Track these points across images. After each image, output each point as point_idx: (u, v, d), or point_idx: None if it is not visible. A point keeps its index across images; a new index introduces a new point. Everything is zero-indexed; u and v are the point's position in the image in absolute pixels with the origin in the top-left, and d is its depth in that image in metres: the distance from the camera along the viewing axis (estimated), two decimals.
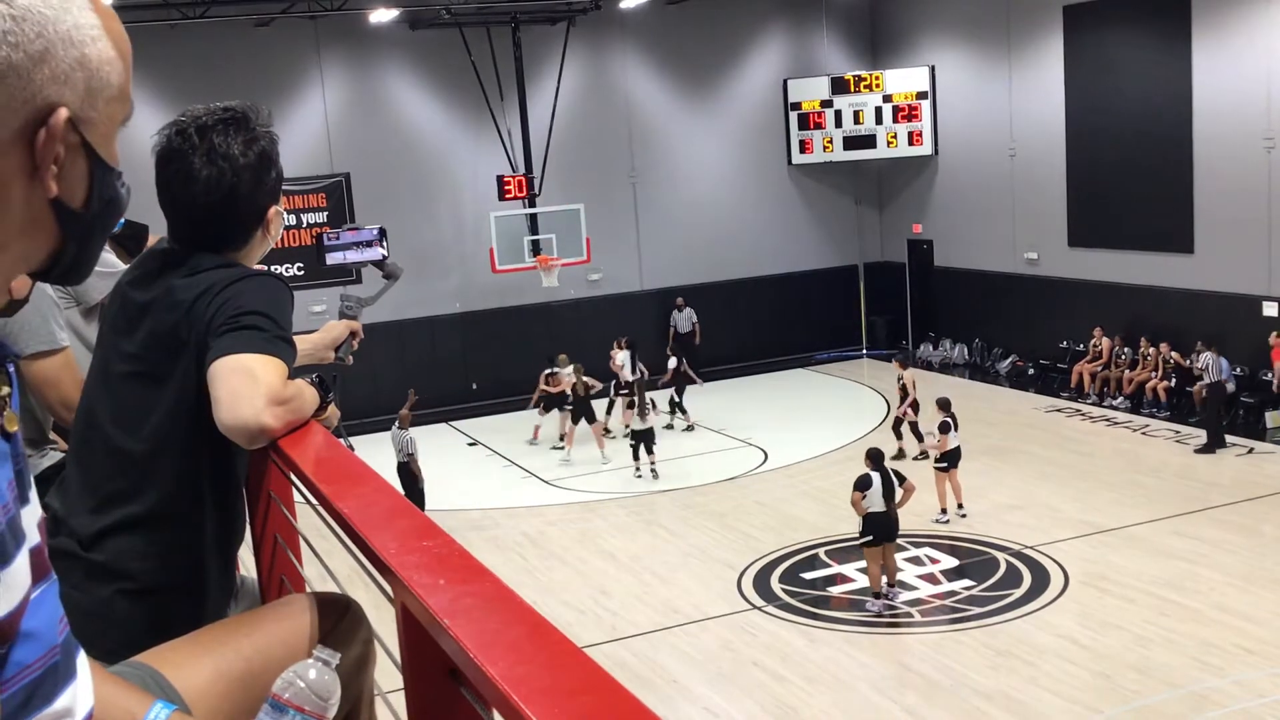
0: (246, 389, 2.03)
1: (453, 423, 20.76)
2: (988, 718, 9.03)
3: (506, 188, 20.69)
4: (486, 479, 17.59)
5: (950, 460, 13.75)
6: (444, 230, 21.76)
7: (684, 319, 22.82)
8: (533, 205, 21.00)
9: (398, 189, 21.22)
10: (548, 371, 18.65)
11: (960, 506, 13.86)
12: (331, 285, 19.45)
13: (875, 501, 11.37)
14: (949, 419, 13.85)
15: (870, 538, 11.45)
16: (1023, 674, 9.71)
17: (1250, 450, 15.87)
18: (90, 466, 2.24)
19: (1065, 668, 9.79)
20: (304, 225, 20.63)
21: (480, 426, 20.19)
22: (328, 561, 2.84)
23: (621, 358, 18.94)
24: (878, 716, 9.47)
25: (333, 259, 20.05)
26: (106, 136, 1.17)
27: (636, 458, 16.66)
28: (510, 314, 22.14)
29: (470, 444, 19.66)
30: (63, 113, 1.10)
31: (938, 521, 13.68)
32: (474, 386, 21.61)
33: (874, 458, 11.65)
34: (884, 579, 11.62)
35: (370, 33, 20.57)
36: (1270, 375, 16.87)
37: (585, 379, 17.70)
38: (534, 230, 20.87)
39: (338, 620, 2.05)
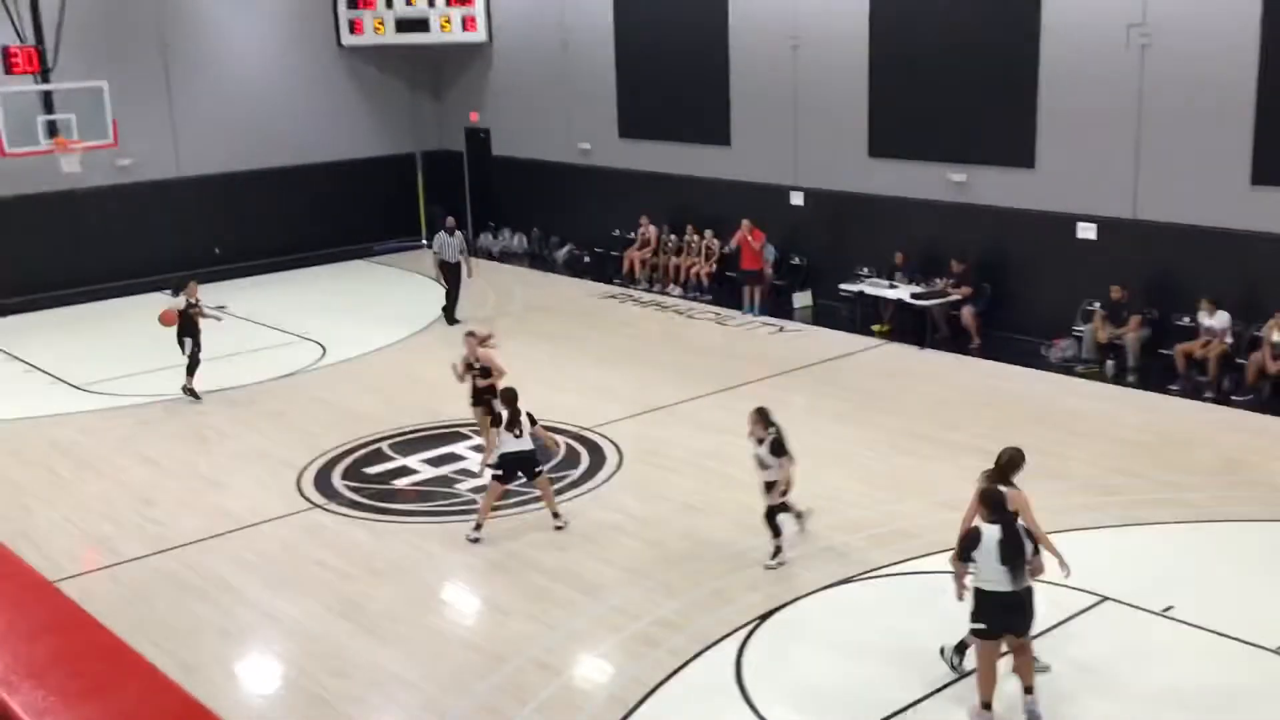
0: None
1: None
2: (552, 593, 9.27)
3: (13, 60, 18.46)
4: (4, 387, 15.78)
5: None
6: None
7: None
8: (46, 81, 18.78)
9: None
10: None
11: None
12: None
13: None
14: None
15: (983, 626, 7.07)
16: (584, 550, 10.04)
17: (780, 329, 17.29)
18: None
19: (621, 540, 10.24)
20: None
21: None
22: None
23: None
24: (452, 603, 9.47)
25: None
26: None
27: None
28: (27, 203, 19.84)
29: None
30: None
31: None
32: None
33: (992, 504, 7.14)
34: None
35: None
36: (797, 259, 18.50)
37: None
38: (49, 110, 18.66)
39: None
